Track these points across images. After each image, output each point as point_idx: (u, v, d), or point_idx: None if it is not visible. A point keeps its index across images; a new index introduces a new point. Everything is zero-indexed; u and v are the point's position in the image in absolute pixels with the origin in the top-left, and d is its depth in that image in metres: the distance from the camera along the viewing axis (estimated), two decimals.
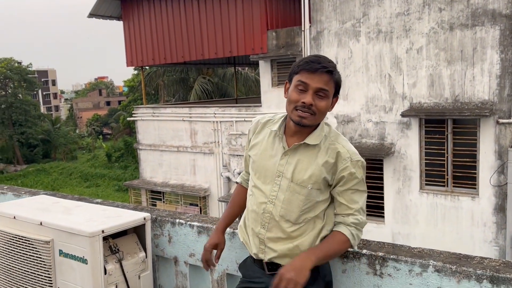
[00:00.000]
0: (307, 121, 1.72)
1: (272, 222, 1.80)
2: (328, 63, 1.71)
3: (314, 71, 1.68)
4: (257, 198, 1.84)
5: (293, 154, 1.79)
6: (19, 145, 48.66)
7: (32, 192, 3.43)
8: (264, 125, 1.93)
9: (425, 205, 9.12)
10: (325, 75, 1.69)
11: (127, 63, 13.65)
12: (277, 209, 1.79)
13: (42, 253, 2.35)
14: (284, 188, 1.78)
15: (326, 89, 1.70)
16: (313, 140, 1.77)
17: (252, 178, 1.90)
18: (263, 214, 1.81)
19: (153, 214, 2.68)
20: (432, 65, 8.75)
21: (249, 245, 1.90)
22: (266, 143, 1.87)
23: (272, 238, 1.80)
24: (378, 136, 9.47)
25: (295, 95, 1.72)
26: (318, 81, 1.68)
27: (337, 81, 1.75)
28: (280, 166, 1.80)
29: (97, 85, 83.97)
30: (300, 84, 1.70)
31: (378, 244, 2.08)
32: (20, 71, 49.03)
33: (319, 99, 1.70)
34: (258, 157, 1.87)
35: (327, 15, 9.78)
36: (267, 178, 1.82)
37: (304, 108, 1.69)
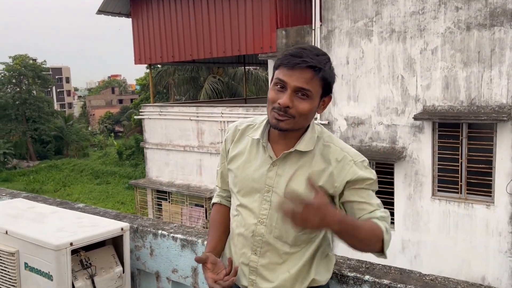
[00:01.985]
0: (284, 125, 1.42)
1: (265, 247, 1.51)
2: (314, 57, 1.40)
3: (292, 67, 1.38)
4: (245, 218, 1.55)
5: (283, 164, 1.50)
6: (32, 141, 49.17)
7: (13, 194, 3.21)
8: (243, 132, 1.63)
9: (437, 212, 8.76)
10: (306, 72, 1.38)
11: (135, 61, 13.49)
12: (270, 230, 1.50)
13: (7, 266, 2.12)
14: (276, 204, 1.49)
15: (306, 88, 1.39)
16: (306, 145, 1.49)
17: (236, 195, 1.60)
18: (254, 238, 1.52)
19: (135, 224, 2.44)
20: (447, 66, 8.38)
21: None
22: (248, 153, 1.58)
23: (267, 265, 1.52)
24: (389, 139, 9.13)
25: (273, 94, 1.43)
26: (297, 79, 1.38)
27: (325, 78, 1.42)
28: (268, 179, 1.51)
29: (110, 83, 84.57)
30: (278, 82, 1.41)
31: (384, 269, 1.80)
32: (34, 68, 49.54)
33: (299, 100, 1.40)
34: (241, 171, 1.57)
35: (338, 14, 9.47)
36: (255, 194, 1.53)
37: (280, 110, 1.41)
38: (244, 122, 1.67)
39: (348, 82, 9.53)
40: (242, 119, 1.72)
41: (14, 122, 47.85)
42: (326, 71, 1.42)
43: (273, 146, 1.53)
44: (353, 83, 9.45)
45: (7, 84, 48.32)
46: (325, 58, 1.44)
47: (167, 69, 25.46)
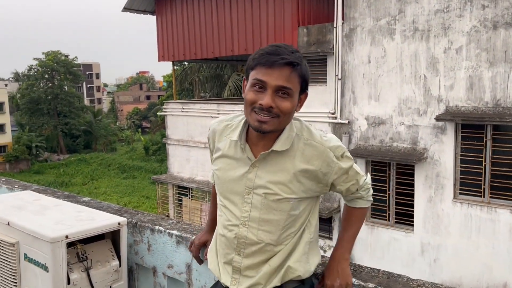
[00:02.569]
0: (268, 127, 1.40)
1: (249, 248, 1.52)
2: (290, 53, 1.38)
3: (271, 65, 1.36)
4: (228, 220, 1.56)
5: (263, 165, 1.49)
6: (63, 135, 50.62)
7: (25, 186, 3.31)
8: (222, 133, 1.61)
9: (458, 216, 8.54)
10: (285, 69, 1.37)
11: (159, 58, 13.68)
12: (252, 232, 1.50)
13: (8, 256, 2.20)
14: (257, 206, 1.49)
15: (287, 86, 1.38)
16: (282, 145, 1.46)
17: (219, 197, 1.62)
18: (237, 239, 1.53)
19: (134, 219, 2.48)
20: (472, 66, 8.14)
21: (218, 273, 1.62)
22: (227, 155, 1.57)
23: (251, 265, 1.53)
24: (410, 140, 8.95)
25: (252, 95, 1.40)
26: (278, 78, 1.37)
27: (303, 74, 1.41)
28: (248, 181, 1.50)
29: (139, 79, 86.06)
30: (257, 82, 1.39)
31: (371, 272, 1.78)
32: (66, 64, 50.91)
33: (280, 99, 1.39)
34: (222, 173, 1.57)
35: (361, 12, 9.33)
36: (236, 196, 1.53)
37: (263, 111, 1.38)
38: (223, 121, 1.65)
39: (369, 81, 9.39)
40: (222, 116, 1.70)
41: (46, 116, 49.38)
42: (303, 67, 1.41)
43: (251, 147, 1.51)
44: (374, 82, 9.30)
45: (40, 79, 49.83)
46: (300, 54, 1.43)
47: (192, 66, 25.70)
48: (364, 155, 9.27)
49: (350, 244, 1.67)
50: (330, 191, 1.59)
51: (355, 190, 1.59)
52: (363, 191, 1.62)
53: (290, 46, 1.43)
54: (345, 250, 1.66)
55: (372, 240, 9.52)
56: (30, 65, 50.74)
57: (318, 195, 1.58)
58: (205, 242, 1.93)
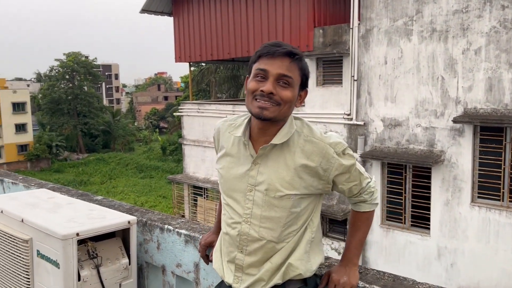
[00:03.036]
0: (269, 113, 1.44)
1: (251, 245, 1.54)
2: (292, 47, 1.46)
3: (272, 55, 1.43)
4: (231, 218, 1.58)
5: (265, 162, 1.52)
6: (82, 134, 51.49)
7: (41, 185, 3.39)
8: (226, 131, 1.65)
9: (476, 220, 8.38)
10: (286, 59, 1.44)
11: (176, 59, 13.80)
12: (254, 229, 1.53)
13: (21, 252, 2.25)
14: (259, 203, 1.51)
15: (288, 75, 1.44)
16: (281, 138, 1.49)
17: (222, 195, 1.65)
18: (240, 237, 1.55)
19: (144, 218, 2.51)
20: (492, 67, 7.99)
21: (222, 272, 1.65)
22: (231, 153, 1.60)
23: (254, 263, 1.55)
24: (427, 142, 8.82)
25: (254, 84, 1.46)
26: (279, 66, 1.43)
27: (303, 68, 1.48)
28: (251, 178, 1.53)
29: (157, 80, 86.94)
30: (259, 72, 1.45)
31: (377, 275, 1.77)
32: (86, 64, 51.79)
33: (281, 88, 1.44)
34: (225, 171, 1.61)
35: (377, 12, 9.25)
36: (238, 194, 1.56)
37: (264, 97, 1.43)
38: (227, 120, 1.69)
39: (385, 83, 9.30)
40: (229, 116, 1.74)
41: (66, 116, 50.33)
42: (303, 61, 1.48)
43: (253, 144, 1.54)
44: (391, 84, 9.21)
45: (61, 80, 50.80)
46: (299, 51, 1.49)
47: (209, 67, 25.85)
48: (380, 157, 9.18)
49: (358, 250, 1.67)
50: (333, 190, 1.60)
51: (357, 192, 1.59)
52: (366, 194, 1.61)
53: (291, 45, 1.50)
54: (353, 256, 1.66)
55: (388, 243, 9.42)
56: (51, 66, 51.84)
57: (321, 194, 1.59)
58: (211, 243, 1.96)
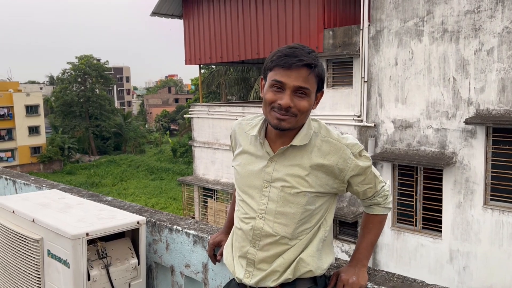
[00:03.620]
0: (286, 124, 1.46)
1: (264, 240, 1.55)
2: (307, 54, 1.44)
3: (289, 67, 1.42)
4: (245, 213, 1.60)
5: (281, 160, 1.54)
6: (94, 137, 52.00)
7: (52, 185, 3.42)
8: (242, 130, 1.68)
9: (489, 222, 8.27)
10: (303, 70, 1.42)
11: (186, 61, 13.88)
12: (268, 224, 1.54)
13: (32, 252, 2.28)
14: (274, 199, 1.53)
15: (305, 87, 1.43)
16: (301, 140, 1.51)
17: (238, 191, 1.66)
18: (253, 231, 1.56)
19: (153, 218, 2.53)
20: (504, 68, 7.89)
21: (233, 268, 1.66)
22: (247, 151, 1.63)
23: (266, 258, 1.55)
24: (439, 144, 8.74)
25: (271, 95, 1.46)
26: (296, 79, 1.42)
27: (319, 74, 1.47)
28: (266, 174, 1.55)
29: (167, 82, 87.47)
30: (275, 83, 1.45)
31: (386, 276, 1.75)
32: (98, 67, 52.33)
33: (298, 99, 1.44)
34: (242, 168, 1.63)
35: (387, 13, 9.20)
36: (254, 190, 1.58)
37: (282, 110, 1.44)
38: (244, 120, 1.72)
39: (396, 84, 9.23)
40: (247, 116, 1.76)
41: (78, 119, 50.87)
42: (319, 68, 1.46)
43: (270, 144, 1.57)
44: (402, 85, 9.15)
45: (73, 82, 51.37)
46: (316, 55, 1.48)
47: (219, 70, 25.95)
48: (391, 159, 9.11)
49: (368, 251, 1.67)
50: (347, 191, 1.61)
51: (371, 195, 1.61)
52: (380, 198, 1.62)
53: (306, 47, 1.48)
54: (363, 257, 1.67)
55: (399, 245, 9.34)
56: (64, 69, 52.48)
57: (336, 193, 1.60)
58: (219, 242, 1.98)
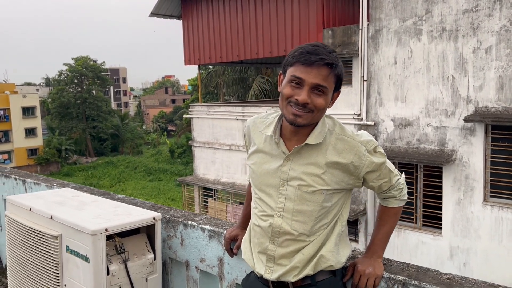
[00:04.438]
0: (302, 120, 1.48)
1: (282, 237, 1.59)
2: (328, 54, 1.46)
3: (310, 64, 1.44)
4: (263, 211, 1.63)
5: (297, 158, 1.56)
6: (91, 138, 51.85)
7: (63, 185, 3.46)
8: (257, 129, 1.70)
9: (488, 219, 8.36)
10: (323, 69, 1.44)
11: (185, 61, 13.90)
12: (287, 222, 1.57)
13: (51, 248, 2.32)
14: (291, 197, 1.56)
15: (324, 85, 1.46)
16: (315, 139, 1.54)
17: (254, 189, 1.69)
18: (272, 229, 1.60)
19: (167, 214, 2.57)
20: (503, 66, 7.98)
21: (252, 263, 1.69)
22: (263, 149, 1.64)
23: (285, 254, 1.59)
24: (438, 141, 8.82)
25: (289, 90, 1.49)
26: (315, 76, 1.44)
27: (338, 74, 1.49)
28: (283, 173, 1.57)
29: (164, 83, 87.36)
30: (295, 79, 1.47)
31: (401, 266, 1.81)
32: (94, 69, 52.17)
33: (315, 96, 1.47)
34: (257, 167, 1.65)
35: (386, 13, 9.28)
36: (271, 189, 1.60)
37: (299, 106, 1.47)
38: (258, 118, 1.74)
39: (395, 83, 9.31)
40: (259, 114, 1.78)
41: (75, 120, 50.70)
42: (339, 68, 1.49)
43: (285, 142, 1.59)
44: (401, 84, 9.22)
45: (70, 84, 51.20)
46: (336, 55, 1.50)
47: (217, 70, 25.96)
48: (391, 157, 9.18)
49: (383, 243, 1.71)
50: (363, 186, 1.65)
51: (387, 188, 1.64)
52: (395, 191, 1.66)
53: (327, 46, 1.51)
54: (379, 248, 1.71)
55: (399, 243, 9.41)
56: (60, 70, 52.29)
57: (351, 188, 1.63)
58: (235, 237, 2.02)
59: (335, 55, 1.49)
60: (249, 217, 1.85)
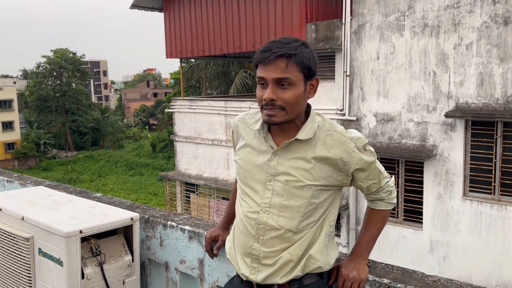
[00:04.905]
0: (277, 119, 1.46)
1: (268, 234, 1.52)
2: (284, 45, 1.42)
3: (266, 62, 1.42)
4: (248, 207, 1.57)
5: (285, 153, 1.52)
6: (71, 132, 50.97)
7: (37, 182, 3.34)
8: (245, 124, 1.66)
9: (468, 213, 8.48)
10: (279, 61, 1.41)
11: (167, 55, 13.70)
12: (273, 218, 1.51)
13: (22, 250, 2.21)
14: (279, 192, 1.51)
15: (285, 77, 1.42)
16: (306, 134, 1.50)
17: (240, 185, 1.64)
18: (257, 225, 1.54)
19: (146, 214, 2.49)
20: (483, 62, 8.07)
21: (237, 264, 1.63)
22: (251, 145, 1.61)
23: (270, 253, 1.53)
24: (420, 137, 8.89)
25: (259, 92, 1.48)
26: (274, 71, 1.42)
27: (301, 61, 1.43)
28: (270, 168, 1.53)
29: (145, 76, 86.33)
30: (260, 79, 1.46)
31: (386, 268, 1.77)
32: (74, 61, 51.19)
33: (282, 91, 1.43)
34: (244, 162, 1.61)
35: (369, 8, 9.27)
36: (257, 184, 1.55)
37: (268, 105, 1.44)
38: (247, 114, 1.70)
39: (378, 78, 9.34)
40: (248, 110, 1.75)
41: (54, 114, 49.73)
42: (299, 55, 1.42)
43: (274, 137, 1.55)
44: (383, 79, 9.25)
45: (49, 77, 50.14)
46: (296, 43, 1.44)
47: (199, 64, 25.73)
48: None
49: (369, 245, 1.69)
50: (351, 185, 1.61)
51: (375, 190, 1.62)
52: (384, 193, 1.63)
53: (287, 38, 1.46)
54: (364, 250, 1.68)
55: (380, 237, 9.38)
56: (38, 63, 51.13)
57: (340, 187, 1.59)
58: (216, 237, 1.97)
59: (294, 45, 1.43)
60: (233, 216, 1.79)
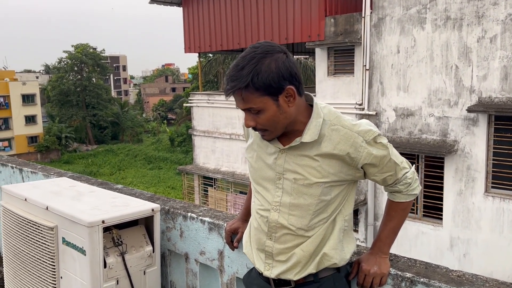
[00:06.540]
0: (268, 137, 1.49)
1: (279, 231, 1.53)
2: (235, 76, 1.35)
3: (229, 96, 1.43)
4: (260, 205, 1.58)
5: (291, 150, 1.50)
6: (91, 126, 51.78)
7: (60, 174, 3.40)
8: None
9: (489, 210, 8.32)
10: (236, 96, 1.39)
11: (185, 49, 13.76)
12: (283, 216, 1.52)
13: (47, 239, 2.26)
14: (288, 191, 1.50)
15: (248, 107, 1.40)
16: (311, 135, 1.45)
17: (253, 183, 1.64)
18: (268, 223, 1.54)
19: (166, 206, 2.51)
20: (507, 56, 7.86)
21: (252, 258, 1.65)
22: (259, 143, 1.59)
23: (283, 250, 1.54)
24: (440, 132, 8.74)
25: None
26: (238, 103, 1.43)
27: (258, 86, 1.34)
28: (278, 167, 1.51)
29: (164, 71, 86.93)
30: None
31: (409, 262, 1.74)
32: (94, 56, 51.87)
33: (256, 116, 1.43)
34: (254, 161, 1.61)
35: (390, 1, 9.12)
36: (268, 182, 1.55)
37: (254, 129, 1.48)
38: None
39: (398, 72, 9.20)
40: None
41: (75, 108, 50.58)
42: (251, 84, 1.34)
43: (280, 137, 1.52)
44: (404, 73, 9.11)
45: (70, 71, 50.95)
46: (248, 69, 1.34)
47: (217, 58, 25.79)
48: None
49: (390, 239, 1.65)
50: (366, 178, 1.57)
51: (392, 182, 1.55)
52: (402, 185, 1.57)
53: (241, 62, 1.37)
54: (384, 245, 1.64)
55: (400, 233, 9.31)
56: (60, 58, 51.99)
57: (353, 181, 1.56)
58: (236, 229, 1.97)
59: (246, 72, 1.33)
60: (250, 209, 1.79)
